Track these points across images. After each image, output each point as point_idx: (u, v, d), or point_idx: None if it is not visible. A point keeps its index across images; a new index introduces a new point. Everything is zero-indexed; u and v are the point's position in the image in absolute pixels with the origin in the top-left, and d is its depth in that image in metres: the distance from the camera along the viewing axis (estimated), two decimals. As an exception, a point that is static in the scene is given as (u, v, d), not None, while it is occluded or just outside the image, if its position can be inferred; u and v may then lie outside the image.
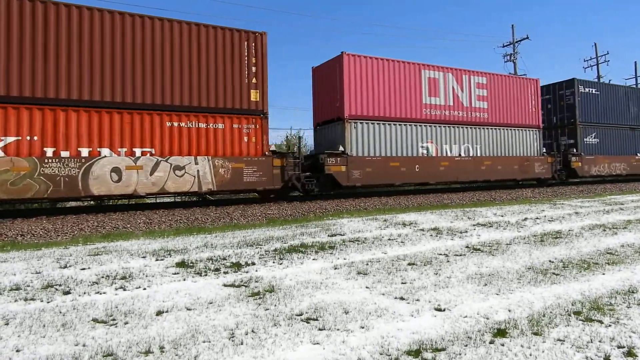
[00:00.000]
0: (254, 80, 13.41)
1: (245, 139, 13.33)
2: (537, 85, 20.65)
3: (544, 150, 20.96)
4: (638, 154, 24.66)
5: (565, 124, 22.79)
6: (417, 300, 4.22)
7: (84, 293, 4.49)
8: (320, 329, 3.49)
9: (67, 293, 4.48)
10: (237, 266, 5.60)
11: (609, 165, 23.12)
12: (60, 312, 3.90)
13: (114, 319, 3.74)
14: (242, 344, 3.22)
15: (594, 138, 22.83)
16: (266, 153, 13.55)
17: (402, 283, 4.80)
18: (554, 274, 5.13)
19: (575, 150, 22.01)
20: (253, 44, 13.38)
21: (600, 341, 3.23)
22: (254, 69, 13.38)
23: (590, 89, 23.04)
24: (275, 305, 4.08)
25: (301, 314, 3.84)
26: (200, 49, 12.64)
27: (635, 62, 48.70)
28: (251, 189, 13.85)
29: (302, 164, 14.58)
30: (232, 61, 13.11)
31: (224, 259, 6.01)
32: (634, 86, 26.93)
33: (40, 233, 9.04)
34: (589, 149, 22.50)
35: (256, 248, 6.74)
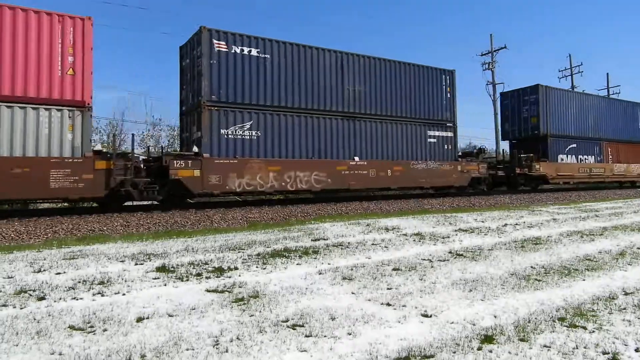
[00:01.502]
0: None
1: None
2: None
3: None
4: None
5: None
6: (404, 306, 4.20)
7: (60, 299, 4.31)
8: (307, 336, 3.43)
9: (41, 299, 4.29)
10: (219, 271, 5.48)
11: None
12: (35, 319, 3.73)
13: (91, 326, 3.59)
14: (227, 351, 3.13)
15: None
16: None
17: (388, 289, 4.77)
18: (536, 279, 5.18)
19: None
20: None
21: (585, 347, 3.26)
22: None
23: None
24: (260, 312, 3.99)
25: (287, 320, 3.77)
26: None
27: (607, 73, 50.35)
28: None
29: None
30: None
31: (206, 263, 5.88)
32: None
33: (12, 235, 8.70)
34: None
35: (238, 252, 6.62)
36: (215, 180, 12.84)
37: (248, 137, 13.71)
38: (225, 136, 13.30)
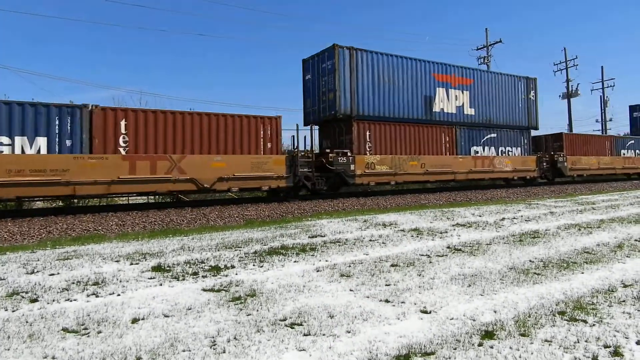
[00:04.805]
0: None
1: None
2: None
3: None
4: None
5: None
6: (403, 302, 4.15)
7: (53, 300, 4.23)
8: (305, 335, 3.37)
9: (34, 301, 4.22)
10: (216, 270, 5.42)
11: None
12: (27, 322, 3.66)
13: (86, 328, 3.52)
14: (224, 352, 3.07)
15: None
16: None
17: (386, 285, 4.73)
18: (535, 273, 5.15)
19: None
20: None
21: (586, 341, 3.22)
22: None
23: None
24: (257, 310, 3.94)
25: (285, 319, 3.71)
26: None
27: (602, 66, 50.55)
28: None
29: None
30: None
31: (202, 262, 5.82)
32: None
33: (5, 236, 8.59)
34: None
35: (235, 250, 6.56)
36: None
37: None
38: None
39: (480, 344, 3.17)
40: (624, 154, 29.16)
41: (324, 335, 3.37)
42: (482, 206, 12.87)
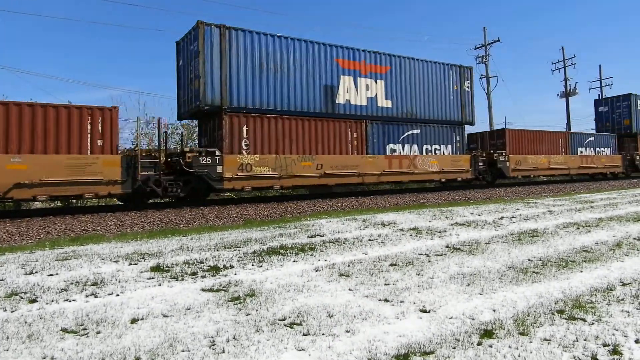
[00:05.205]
0: None
1: None
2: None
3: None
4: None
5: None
6: (402, 302, 4.15)
7: (52, 301, 4.22)
8: (304, 334, 3.37)
9: (33, 301, 4.21)
10: (215, 270, 5.42)
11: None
12: (26, 322, 3.65)
13: (85, 329, 3.51)
14: (223, 352, 3.07)
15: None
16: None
17: (386, 284, 4.73)
18: (534, 272, 5.16)
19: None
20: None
21: (585, 340, 3.23)
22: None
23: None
24: (256, 310, 3.94)
25: (284, 319, 3.71)
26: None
27: (600, 65, 50.54)
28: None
29: None
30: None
31: (201, 262, 5.81)
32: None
33: (4, 237, 8.58)
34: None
35: (234, 250, 6.56)
36: None
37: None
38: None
39: (479, 343, 3.18)
40: (581, 152, 26.07)
41: (323, 334, 3.37)
42: (480, 205, 12.89)
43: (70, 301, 4.22)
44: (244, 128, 14.06)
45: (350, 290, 4.55)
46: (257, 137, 14.30)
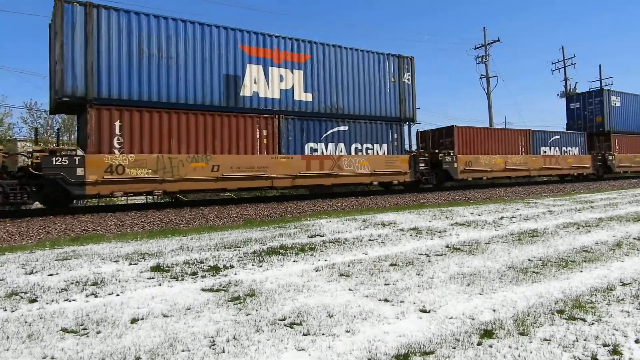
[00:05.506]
0: None
1: None
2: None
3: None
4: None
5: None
6: (402, 302, 4.15)
7: (52, 301, 4.23)
8: (304, 334, 3.37)
9: (33, 301, 4.21)
10: (215, 269, 5.42)
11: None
12: (26, 322, 3.65)
13: (85, 328, 3.52)
14: (223, 352, 3.07)
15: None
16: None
17: (386, 284, 4.73)
18: (534, 272, 5.16)
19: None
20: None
21: (585, 340, 3.23)
22: None
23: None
24: (256, 310, 3.94)
25: (284, 319, 3.71)
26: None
27: (600, 65, 50.61)
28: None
29: None
30: None
31: (201, 262, 5.81)
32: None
33: (4, 237, 8.58)
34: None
35: (234, 250, 6.56)
36: None
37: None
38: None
39: (479, 343, 3.18)
40: (544, 152, 23.54)
41: (323, 334, 3.37)
42: (480, 205, 12.89)
43: (70, 301, 4.23)
44: (117, 124, 11.91)
45: (350, 290, 4.55)
46: (135, 134, 12.15)
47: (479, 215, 10.39)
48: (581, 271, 5.22)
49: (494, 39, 34.67)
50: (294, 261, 5.85)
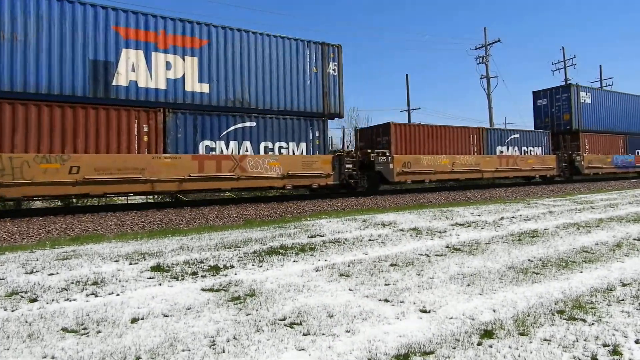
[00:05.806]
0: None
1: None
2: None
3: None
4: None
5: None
6: (402, 302, 4.15)
7: (52, 300, 4.23)
8: (304, 334, 3.38)
9: (33, 301, 4.22)
10: (215, 269, 5.42)
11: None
12: (26, 322, 3.66)
13: (85, 328, 3.52)
14: (223, 351, 3.07)
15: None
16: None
17: (386, 284, 4.73)
18: (534, 273, 5.16)
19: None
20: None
21: (585, 340, 3.23)
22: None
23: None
24: (257, 310, 3.94)
25: (284, 319, 3.71)
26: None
27: (600, 65, 50.65)
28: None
29: None
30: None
31: (201, 262, 5.82)
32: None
33: (4, 236, 8.59)
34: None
35: (234, 250, 6.56)
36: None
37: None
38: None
39: (479, 343, 3.18)
40: (501, 152, 21.21)
41: (323, 334, 3.37)
42: (481, 205, 12.89)
43: (70, 300, 4.23)
44: None
45: (350, 290, 4.55)
46: None
47: (479, 215, 10.39)
48: (581, 272, 5.22)
49: (494, 39, 34.64)
50: (294, 261, 5.85)
